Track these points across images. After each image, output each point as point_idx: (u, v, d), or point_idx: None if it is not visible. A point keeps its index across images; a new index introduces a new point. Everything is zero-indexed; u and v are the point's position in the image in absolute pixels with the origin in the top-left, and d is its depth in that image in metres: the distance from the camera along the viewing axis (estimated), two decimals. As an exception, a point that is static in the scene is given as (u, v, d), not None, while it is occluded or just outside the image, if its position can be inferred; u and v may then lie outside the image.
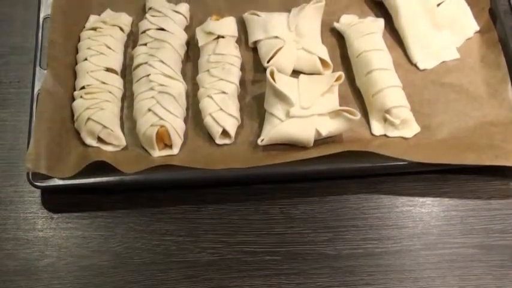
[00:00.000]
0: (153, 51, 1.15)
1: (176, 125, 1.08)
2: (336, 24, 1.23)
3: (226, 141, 1.11)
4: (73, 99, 1.11)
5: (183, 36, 1.20)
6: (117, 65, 1.17)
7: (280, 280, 1.02)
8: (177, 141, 1.09)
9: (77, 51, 1.17)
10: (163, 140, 1.08)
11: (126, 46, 1.21)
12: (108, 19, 1.21)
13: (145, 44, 1.17)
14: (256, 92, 1.16)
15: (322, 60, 1.17)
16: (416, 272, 1.03)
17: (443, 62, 1.20)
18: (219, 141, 1.10)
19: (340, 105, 1.10)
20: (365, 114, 1.14)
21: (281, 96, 1.07)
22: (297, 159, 1.04)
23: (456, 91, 1.16)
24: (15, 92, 1.18)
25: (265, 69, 1.11)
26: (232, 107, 1.11)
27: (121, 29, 1.21)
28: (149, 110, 1.09)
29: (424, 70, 1.19)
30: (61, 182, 1.04)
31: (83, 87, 1.12)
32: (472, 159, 1.06)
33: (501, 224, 1.06)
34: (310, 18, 1.21)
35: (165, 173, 1.05)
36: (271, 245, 1.05)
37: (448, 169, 1.08)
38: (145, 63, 1.14)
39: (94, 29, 1.19)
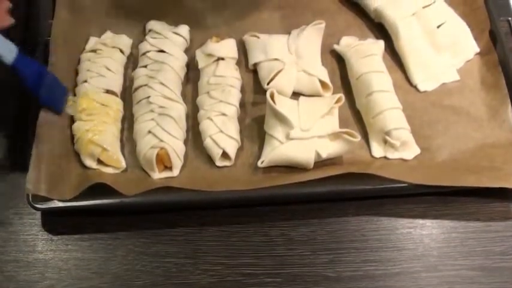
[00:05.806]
0: (153, 73, 1.15)
1: (176, 147, 1.08)
2: (336, 46, 1.23)
3: (226, 163, 1.11)
4: (73, 121, 1.11)
5: (183, 58, 1.20)
6: (117, 87, 1.17)
7: (280, 302, 1.02)
8: (177, 163, 1.09)
9: (76, 73, 1.17)
10: (163, 162, 1.08)
11: (126, 68, 1.21)
12: (108, 41, 1.21)
13: (145, 66, 1.17)
14: (256, 113, 1.17)
15: (322, 82, 1.17)
16: (417, 294, 1.03)
17: (444, 83, 1.20)
18: (219, 163, 1.10)
19: (340, 127, 1.10)
20: (365, 136, 1.14)
21: (281, 118, 1.08)
22: (297, 181, 1.05)
23: (456, 113, 1.16)
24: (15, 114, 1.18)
25: (265, 91, 1.11)
26: (232, 129, 1.11)
27: (121, 51, 1.21)
28: (149, 132, 1.09)
29: (424, 92, 1.19)
30: (61, 204, 1.04)
31: (82, 109, 1.12)
32: (472, 181, 1.06)
33: (501, 246, 1.06)
34: (310, 40, 1.21)
35: (165, 195, 1.05)
36: (271, 267, 1.04)
37: (448, 191, 1.07)
38: (146, 85, 1.14)
39: (94, 51, 1.19)
